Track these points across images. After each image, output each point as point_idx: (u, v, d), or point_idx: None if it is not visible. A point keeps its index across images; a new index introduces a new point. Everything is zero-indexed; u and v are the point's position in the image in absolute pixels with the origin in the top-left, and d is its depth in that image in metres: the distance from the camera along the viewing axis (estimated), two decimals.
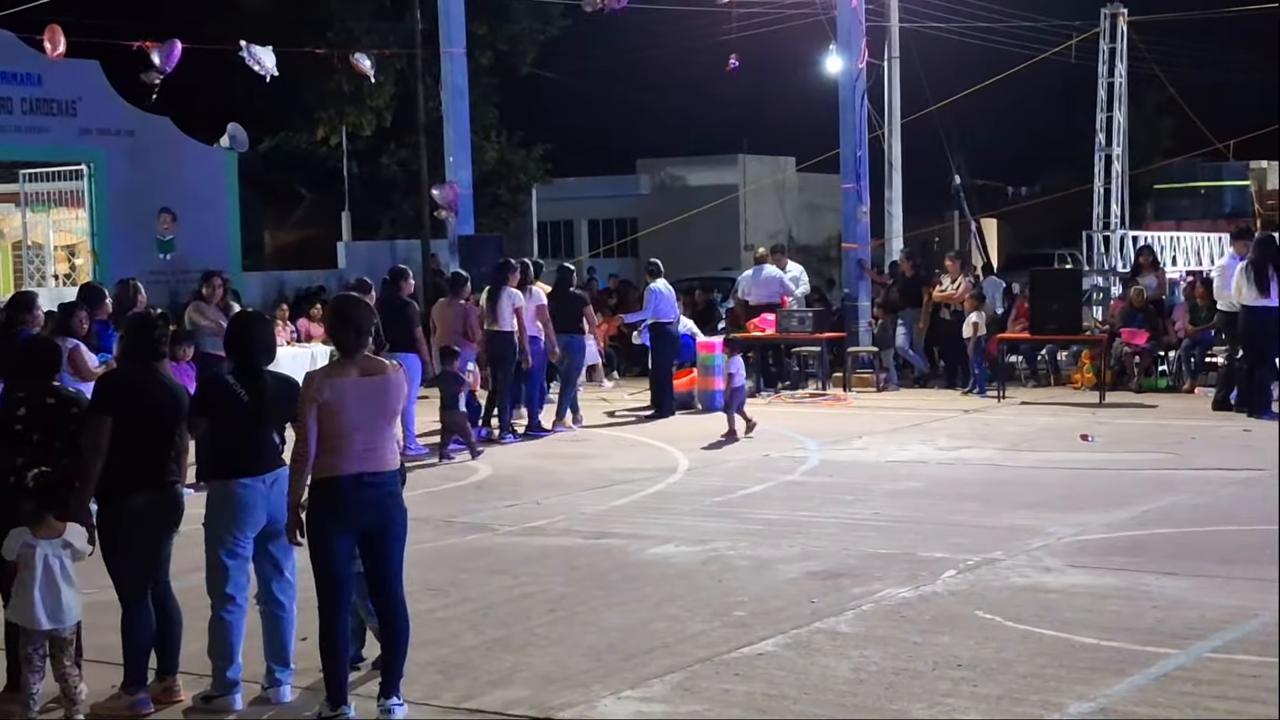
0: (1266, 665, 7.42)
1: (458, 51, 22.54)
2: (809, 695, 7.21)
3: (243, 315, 8.15)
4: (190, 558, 7.99)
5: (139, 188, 27.98)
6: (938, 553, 10.25)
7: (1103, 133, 28.20)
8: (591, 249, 47.18)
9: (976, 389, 20.43)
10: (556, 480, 14.09)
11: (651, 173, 52.72)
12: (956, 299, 21.31)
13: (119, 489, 7.30)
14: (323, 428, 6.90)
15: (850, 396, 20.77)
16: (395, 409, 7.10)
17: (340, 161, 36.19)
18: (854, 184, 23.21)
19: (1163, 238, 29.91)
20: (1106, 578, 9.45)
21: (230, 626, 7.35)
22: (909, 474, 13.94)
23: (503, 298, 16.78)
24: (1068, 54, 31.33)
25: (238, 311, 9.45)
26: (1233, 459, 14.21)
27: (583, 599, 9.27)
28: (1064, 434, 16.22)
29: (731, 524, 11.61)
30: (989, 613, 8.58)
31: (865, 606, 8.85)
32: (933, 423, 17.66)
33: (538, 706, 7.13)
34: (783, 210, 50.94)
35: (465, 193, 22.64)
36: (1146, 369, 20.75)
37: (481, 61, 32.91)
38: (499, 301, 16.78)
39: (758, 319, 21.81)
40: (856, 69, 23.14)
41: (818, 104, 28.51)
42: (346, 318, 7.16)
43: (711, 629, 8.45)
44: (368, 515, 6.99)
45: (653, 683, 7.46)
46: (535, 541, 11.14)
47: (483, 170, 32.72)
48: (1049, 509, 11.82)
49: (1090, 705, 6.90)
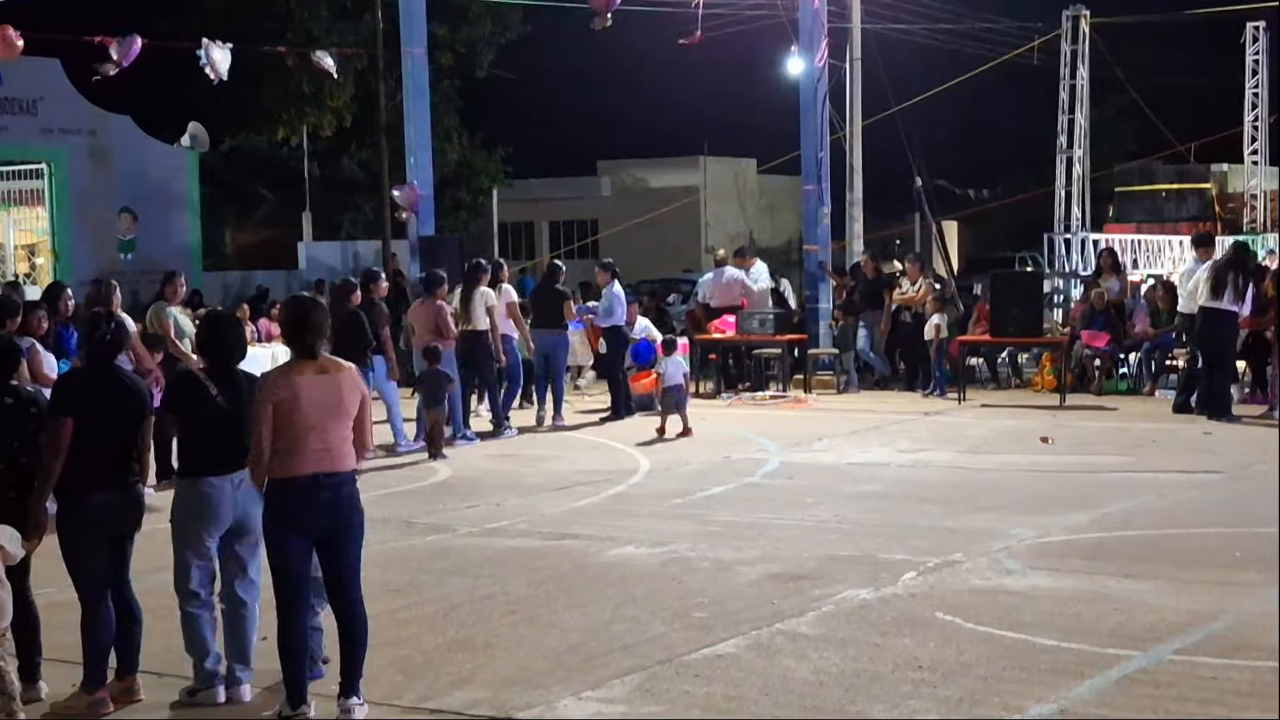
0: (1228, 668, 7.43)
1: (419, 51, 22.44)
2: (769, 696, 7.19)
3: (214, 315, 8.13)
4: (150, 557, 7.94)
5: (100, 187, 27.90)
6: (898, 555, 10.24)
7: (1064, 135, 28.34)
8: (552, 250, 47.09)
9: (937, 391, 20.47)
10: (517, 482, 14.05)
11: (613, 174, 52.73)
12: (917, 301, 21.35)
13: (79, 489, 7.26)
14: (278, 428, 6.88)
15: (810, 399, 20.77)
16: (351, 409, 7.07)
17: (301, 162, 36.08)
18: (815, 186, 23.24)
19: (1124, 240, 30.06)
20: (1067, 580, 9.45)
21: (199, 621, 7.37)
22: (869, 476, 13.94)
23: (475, 297, 16.99)
24: (1030, 56, 31.48)
25: (209, 311, 9.42)
26: (1193, 462, 14.26)
27: (543, 600, 9.23)
28: (1024, 437, 16.26)
29: (692, 526, 11.57)
30: (949, 615, 8.57)
31: (826, 608, 8.83)
32: (893, 425, 17.68)
33: (498, 707, 7.11)
34: (743, 212, 51.00)
35: (426, 194, 22.55)
36: (1107, 372, 20.82)
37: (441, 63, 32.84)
38: (472, 301, 16.98)
39: (718, 320, 21.80)
40: (818, 70, 23.16)
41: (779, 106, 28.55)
42: (302, 319, 7.13)
43: (672, 630, 8.43)
44: (324, 516, 6.98)
45: (613, 684, 7.44)
46: (496, 543, 11.10)
47: (444, 172, 32.67)
48: (1010, 511, 11.82)
49: (1051, 707, 6.90)
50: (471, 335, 16.93)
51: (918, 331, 21.15)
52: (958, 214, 43.97)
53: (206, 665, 7.35)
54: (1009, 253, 40.08)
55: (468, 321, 16.91)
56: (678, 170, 49.70)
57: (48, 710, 7.30)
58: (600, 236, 41.00)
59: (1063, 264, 27.69)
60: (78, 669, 7.39)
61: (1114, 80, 34.95)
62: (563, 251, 46.15)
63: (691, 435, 16.82)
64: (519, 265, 36.92)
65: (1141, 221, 39.90)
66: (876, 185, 31.01)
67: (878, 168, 30.75)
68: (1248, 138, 38.88)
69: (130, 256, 28.49)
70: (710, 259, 26.96)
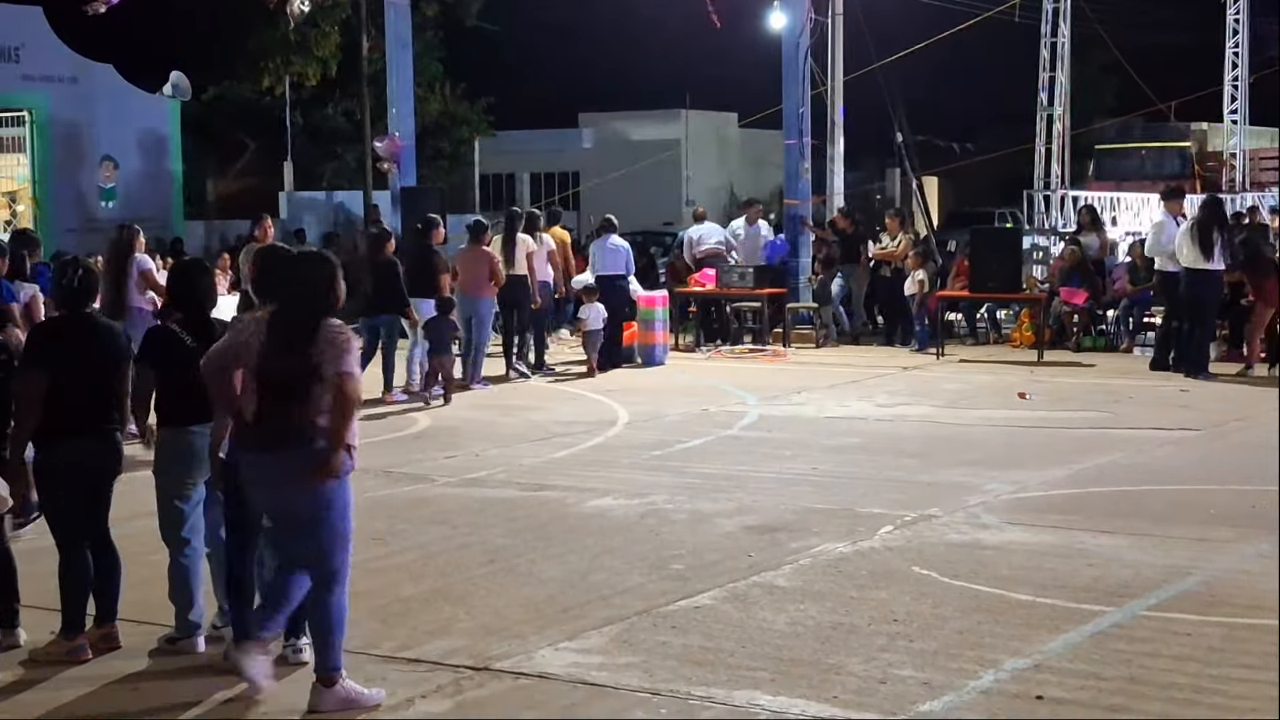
0: (1202, 624, 7.49)
1: (401, 2, 22.35)
2: (745, 648, 7.23)
3: (183, 264, 8.14)
4: (129, 504, 7.95)
5: (81, 135, 27.76)
6: (875, 509, 10.29)
7: (1045, 92, 28.33)
8: (533, 202, 46.95)
9: (918, 346, 20.52)
10: (496, 432, 14.06)
11: (594, 126, 52.54)
12: (897, 256, 21.37)
13: (55, 437, 7.28)
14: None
15: (789, 352, 20.80)
16: None
17: (284, 111, 35.89)
18: (796, 140, 23.20)
19: (1103, 198, 30.07)
20: (1043, 535, 9.51)
21: (188, 570, 7.40)
22: (847, 430, 13.98)
23: (517, 244, 17.81)
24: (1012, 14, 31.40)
25: (177, 261, 9.41)
26: (1170, 418, 14.30)
27: (521, 551, 9.27)
28: (1002, 392, 16.31)
29: (670, 478, 11.61)
30: (926, 569, 8.63)
31: (803, 561, 8.88)
32: (871, 379, 17.71)
33: (476, 656, 7.14)
34: (725, 166, 50.89)
35: (407, 144, 22.49)
36: (1085, 328, 20.89)
37: (426, 13, 32.70)
38: (514, 247, 17.77)
39: (698, 274, 21.81)
40: (801, 25, 23.09)
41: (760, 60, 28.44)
42: (269, 269, 7.17)
43: (649, 582, 8.47)
44: None
45: (590, 634, 7.48)
46: (474, 493, 11.13)
47: (425, 122, 32.55)
48: (987, 466, 11.87)
49: (1025, 661, 6.94)
50: (513, 280, 17.70)
51: (897, 286, 21.17)
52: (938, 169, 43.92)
53: (190, 616, 7.38)
54: (989, 209, 40.10)
55: (510, 266, 17.66)
56: (659, 123, 49.53)
57: (25, 657, 7.32)
58: (581, 189, 40.89)
59: (1042, 220, 27.72)
60: (56, 615, 7.41)
61: (1095, 38, 34.88)
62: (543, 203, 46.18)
63: (595, 376, 18.01)
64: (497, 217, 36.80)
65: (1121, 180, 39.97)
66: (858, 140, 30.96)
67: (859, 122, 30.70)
68: (1228, 97, 38.91)
69: (112, 205, 28.36)
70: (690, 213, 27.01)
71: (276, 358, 6.48)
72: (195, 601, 7.40)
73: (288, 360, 6.45)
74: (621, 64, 50.03)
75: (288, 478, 6.46)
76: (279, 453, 6.46)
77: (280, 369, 6.47)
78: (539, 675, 6.90)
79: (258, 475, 6.62)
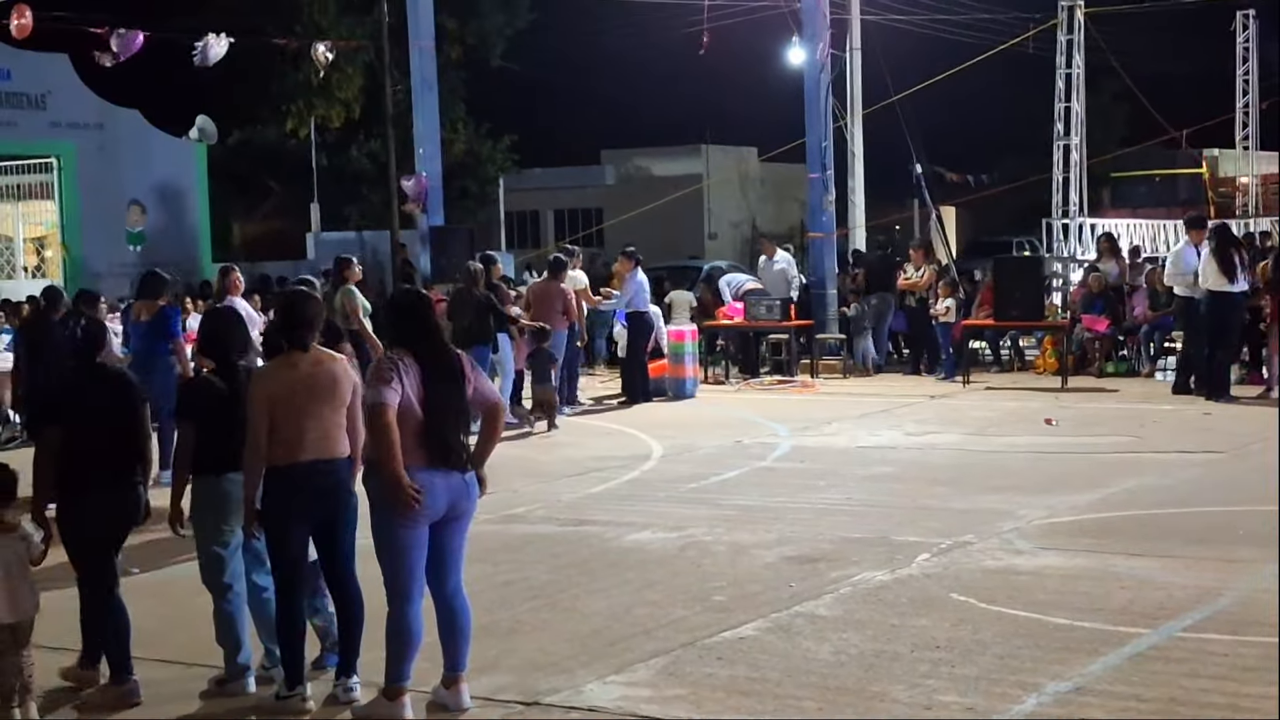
0: (1237, 644, 7.64)
1: (426, 44, 22.64)
2: (791, 678, 7.36)
3: (215, 313, 8.28)
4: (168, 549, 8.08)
5: (108, 180, 28.02)
6: (911, 536, 10.45)
7: (1061, 122, 28.49)
8: (558, 239, 47.20)
9: (943, 374, 20.70)
10: (533, 468, 14.20)
11: (616, 163, 52.79)
12: (922, 286, 21.57)
13: (77, 490, 7.42)
14: (276, 419, 7.08)
15: (817, 383, 20.99)
16: (345, 397, 7.26)
17: (309, 154, 36.24)
18: (820, 174, 23.42)
19: (1120, 225, 30.25)
20: (1077, 559, 9.68)
21: (233, 615, 7.53)
22: (879, 459, 14.15)
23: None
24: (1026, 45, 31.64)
25: (210, 309, 9.53)
26: (1194, 442, 14.47)
27: (564, 586, 9.41)
28: (1028, 418, 16.47)
29: (707, 510, 11.77)
30: (964, 595, 8.78)
31: (843, 590, 9.03)
32: (900, 408, 17.89)
33: (525, 692, 7.26)
34: (746, 200, 51.11)
35: (434, 185, 22.74)
36: (1107, 354, 21.05)
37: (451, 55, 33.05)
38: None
39: (726, 307, 22.02)
40: (821, 60, 23.35)
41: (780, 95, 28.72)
42: (297, 312, 7.35)
43: (692, 614, 8.59)
44: (322, 502, 7.21)
45: (637, 667, 7.60)
46: (514, 529, 11.26)
47: (450, 162, 32.86)
48: (1018, 492, 12.04)
49: (1067, 685, 7.09)
50: None
51: (922, 316, 21.37)
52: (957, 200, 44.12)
53: (239, 659, 7.50)
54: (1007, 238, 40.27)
55: None
56: (680, 159, 49.73)
57: (80, 700, 7.48)
58: (605, 225, 41.15)
59: (1060, 249, 27.88)
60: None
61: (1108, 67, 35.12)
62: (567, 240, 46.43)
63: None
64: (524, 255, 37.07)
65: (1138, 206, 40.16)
66: (876, 173, 31.23)
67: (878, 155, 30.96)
68: (1239, 123, 39.12)
69: (139, 249, 28.64)
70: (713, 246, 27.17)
71: (441, 388, 6.96)
72: (243, 644, 7.52)
73: (457, 389, 7.01)
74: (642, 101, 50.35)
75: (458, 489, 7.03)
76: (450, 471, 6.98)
77: (451, 397, 6.98)
78: (589, 709, 7.02)
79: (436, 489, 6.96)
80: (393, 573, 6.97)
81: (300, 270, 30.80)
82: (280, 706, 7.19)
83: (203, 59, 22.04)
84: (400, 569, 6.95)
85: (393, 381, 6.81)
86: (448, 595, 7.15)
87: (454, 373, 7.05)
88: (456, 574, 7.20)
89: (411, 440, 6.85)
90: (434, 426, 6.90)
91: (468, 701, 7.14)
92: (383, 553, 6.97)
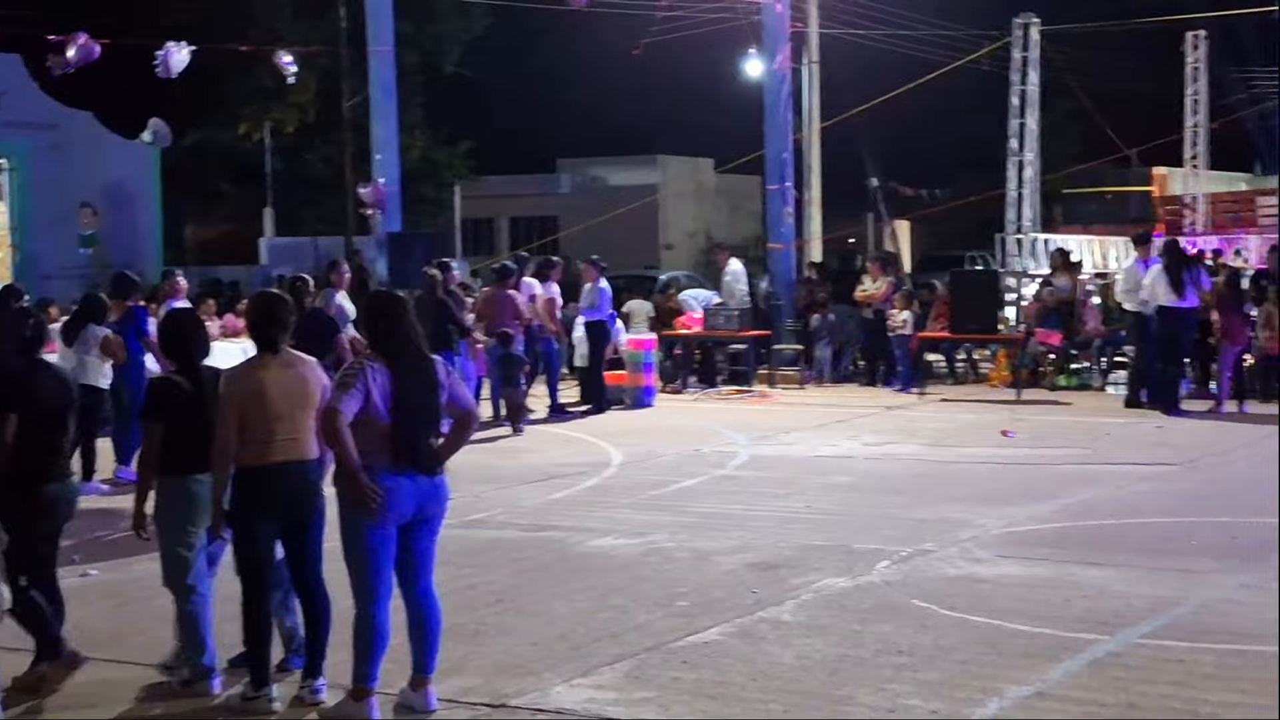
0: (1193, 651, 7.76)
1: (385, 50, 22.60)
2: (756, 682, 7.42)
3: (175, 315, 8.29)
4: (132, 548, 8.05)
5: (61, 182, 27.87)
6: (871, 544, 10.54)
7: (1015, 139, 28.78)
8: (513, 247, 47.21)
9: (900, 385, 20.84)
10: (494, 473, 14.21)
11: (572, 172, 52.88)
12: (878, 298, 21.70)
13: (21, 481, 7.49)
14: (246, 420, 7.11)
15: (775, 393, 21.09)
16: (315, 399, 7.26)
17: (263, 158, 36.11)
18: (779, 185, 23.53)
19: (1071, 241, 30.55)
20: (1035, 568, 9.79)
21: (198, 616, 7.49)
22: (838, 468, 14.26)
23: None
24: (981, 62, 31.93)
25: (170, 311, 9.53)
26: (1147, 454, 14.66)
27: (528, 590, 9.45)
28: (985, 430, 16.63)
29: (668, 517, 11.84)
30: (925, 601, 8.87)
31: (805, 596, 9.11)
32: (857, 419, 18.02)
33: (492, 694, 7.29)
34: (701, 211, 51.27)
35: (392, 190, 22.71)
36: (1059, 367, 21.25)
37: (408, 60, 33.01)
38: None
39: (684, 315, 22.10)
40: (781, 73, 23.48)
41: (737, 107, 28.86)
42: (270, 314, 7.40)
43: (656, 619, 8.65)
44: (293, 503, 7.24)
45: (603, 671, 7.64)
46: (477, 534, 11.27)
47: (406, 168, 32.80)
48: (976, 502, 12.16)
49: (1027, 690, 7.18)
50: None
51: (879, 328, 21.51)
52: (911, 214, 44.41)
53: (203, 661, 7.48)
54: (960, 252, 40.57)
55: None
56: (636, 169, 49.87)
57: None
58: (560, 234, 41.20)
59: (1014, 263, 28.15)
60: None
61: (1061, 85, 35.47)
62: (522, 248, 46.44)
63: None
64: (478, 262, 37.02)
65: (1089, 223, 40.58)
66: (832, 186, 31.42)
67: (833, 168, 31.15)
68: (1189, 142, 39.56)
69: (91, 251, 28.48)
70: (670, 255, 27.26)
71: (414, 392, 6.97)
72: (208, 645, 7.50)
73: (429, 394, 7.02)
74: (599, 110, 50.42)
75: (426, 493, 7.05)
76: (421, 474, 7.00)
77: (421, 401, 6.99)
78: (556, 711, 7.06)
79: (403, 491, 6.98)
80: (359, 574, 6.99)
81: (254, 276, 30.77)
82: (246, 707, 7.18)
83: (165, 70, 21.92)
84: (367, 570, 6.97)
85: (353, 388, 6.82)
86: (418, 597, 7.17)
87: (428, 377, 7.08)
88: (426, 576, 7.22)
89: (380, 443, 6.87)
90: (404, 430, 6.93)
91: (435, 704, 7.15)
92: (350, 554, 6.99)
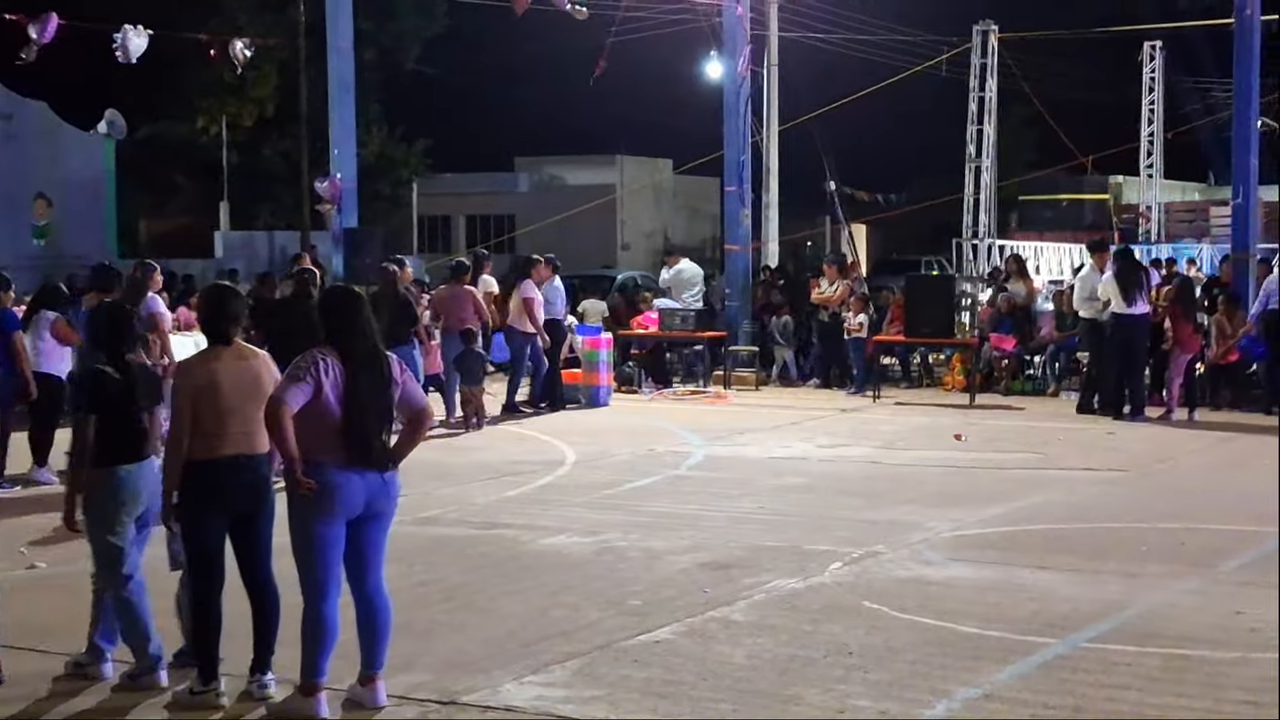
0: (1140, 654, 7.83)
1: (345, 46, 22.42)
2: (706, 681, 7.45)
3: (107, 307, 8.27)
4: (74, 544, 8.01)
5: (14, 172, 27.70)
6: (823, 545, 10.58)
7: (973, 144, 28.95)
8: (469, 245, 47.13)
9: (854, 388, 20.90)
10: (446, 471, 14.18)
11: (530, 171, 52.85)
12: (835, 301, 21.77)
13: None
14: (199, 413, 7.10)
15: (730, 394, 21.13)
16: (267, 393, 7.20)
17: (219, 151, 35.95)
18: (737, 187, 23.56)
19: (1027, 247, 30.77)
20: (985, 570, 9.85)
21: (136, 605, 7.45)
22: (791, 470, 14.29)
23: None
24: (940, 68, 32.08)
25: (101, 303, 9.51)
26: (1098, 459, 14.75)
27: (479, 588, 9.45)
28: (938, 433, 16.70)
29: (621, 516, 11.85)
30: (875, 603, 8.91)
31: (756, 596, 9.14)
32: (811, 421, 18.07)
33: (441, 691, 7.30)
34: (659, 211, 51.33)
35: (349, 186, 22.58)
36: (1013, 373, 21.36)
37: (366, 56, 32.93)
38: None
39: (640, 316, 22.10)
40: (741, 75, 23.52)
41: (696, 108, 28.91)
42: (221, 307, 7.40)
43: (608, 617, 8.67)
44: (244, 496, 7.24)
45: (553, 668, 7.66)
46: (429, 531, 11.26)
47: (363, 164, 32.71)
48: (927, 505, 12.22)
49: (976, 691, 7.23)
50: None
51: (835, 330, 21.57)
52: (867, 218, 44.60)
53: (150, 651, 7.44)
54: (916, 256, 40.78)
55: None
56: (595, 168, 49.90)
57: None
58: (517, 233, 41.17)
59: (970, 268, 28.31)
60: None
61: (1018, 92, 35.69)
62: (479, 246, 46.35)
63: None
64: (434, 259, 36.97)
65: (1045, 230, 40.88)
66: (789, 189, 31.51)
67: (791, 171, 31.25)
68: (1144, 151, 39.90)
69: (44, 243, 28.30)
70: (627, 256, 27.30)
71: (366, 388, 6.97)
72: (151, 635, 7.46)
73: (382, 390, 7.03)
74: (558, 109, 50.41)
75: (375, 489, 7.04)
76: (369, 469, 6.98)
77: (374, 397, 6.99)
78: (505, 709, 7.07)
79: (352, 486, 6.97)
80: (308, 569, 6.99)
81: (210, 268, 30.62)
82: (194, 702, 7.15)
83: (124, 55, 21.74)
84: (315, 565, 6.96)
85: (303, 380, 6.82)
86: (368, 593, 7.16)
87: (381, 373, 7.07)
88: (376, 572, 7.21)
89: (330, 438, 6.87)
90: (354, 425, 6.92)
91: (384, 699, 7.14)
92: (298, 549, 6.99)
